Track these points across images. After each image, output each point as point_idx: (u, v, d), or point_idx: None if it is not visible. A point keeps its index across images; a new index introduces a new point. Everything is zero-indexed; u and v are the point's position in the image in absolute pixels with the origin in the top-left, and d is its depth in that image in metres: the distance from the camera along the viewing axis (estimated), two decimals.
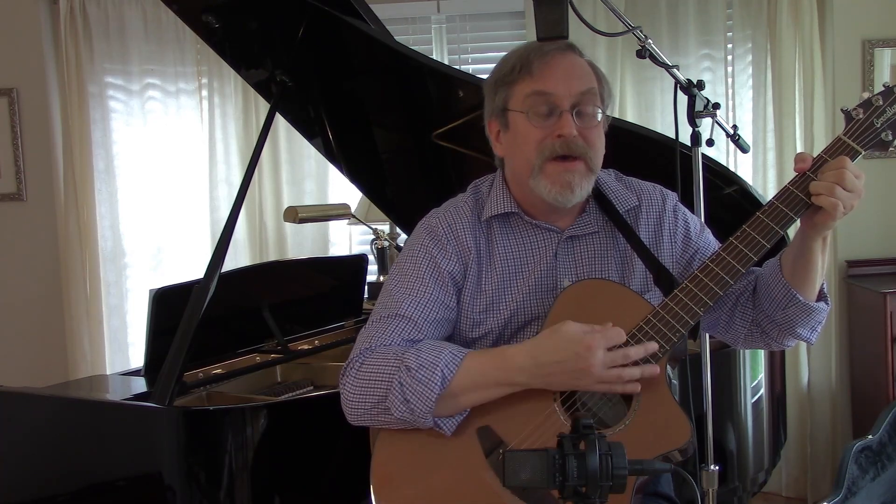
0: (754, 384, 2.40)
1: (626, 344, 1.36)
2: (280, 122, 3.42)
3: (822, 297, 1.48)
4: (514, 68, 1.49)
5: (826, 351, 3.49)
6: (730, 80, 3.55)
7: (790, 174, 1.41)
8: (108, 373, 3.57)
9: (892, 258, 3.48)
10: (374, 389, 1.40)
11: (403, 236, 3.19)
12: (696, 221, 1.63)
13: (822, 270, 1.45)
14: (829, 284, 3.23)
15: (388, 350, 1.43)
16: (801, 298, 1.43)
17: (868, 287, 3.30)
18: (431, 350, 1.40)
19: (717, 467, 1.94)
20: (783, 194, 1.38)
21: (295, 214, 2.88)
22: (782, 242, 1.94)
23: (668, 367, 1.41)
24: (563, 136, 1.44)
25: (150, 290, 2.20)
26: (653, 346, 1.36)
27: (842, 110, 1.40)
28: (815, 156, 1.38)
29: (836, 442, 3.53)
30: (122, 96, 3.77)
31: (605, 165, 1.57)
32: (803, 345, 3.22)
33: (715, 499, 1.94)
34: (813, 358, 3.51)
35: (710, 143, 1.95)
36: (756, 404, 2.40)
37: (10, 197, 3.78)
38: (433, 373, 1.36)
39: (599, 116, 1.49)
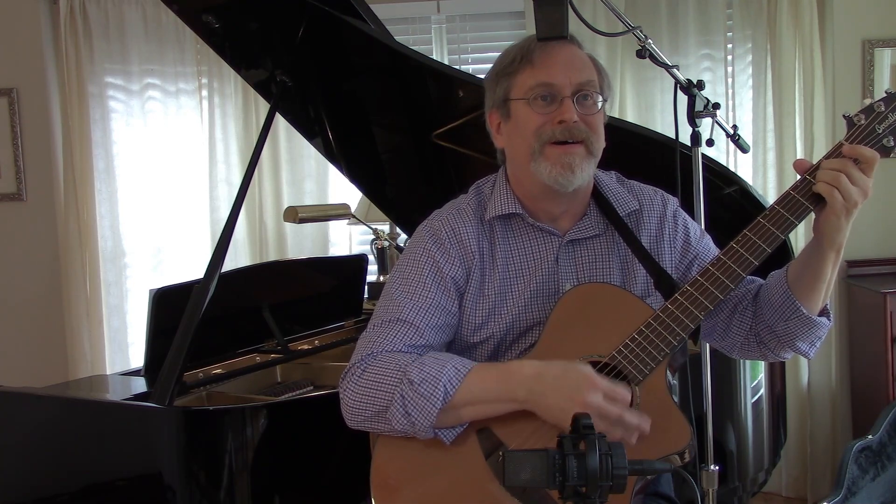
0: (754, 384, 2.40)
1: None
2: (280, 122, 3.42)
3: (824, 312, 1.47)
4: (514, 59, 1.49)
5: (826, 351, 3.49)
6: (730, 80, 3.55)
7: (790, 174, 1.41)
8: (108, 373, 3.57)
9: (892, 258, 3.48)
10: (375, 399, 1.39)
11: (403, 236, 3.19)
12: (696, 227, 1.62)
13: (829, 286, 1.43)
14: None
15: (391, 359, 1.41)
16: (803, 310, 1.42)
17: (868, 287, 3.30)
18: (434, 363, 1.38)
19: (717, 467, 1.95)
20: (784, 199, 1.38)
21: (295, 214, 2.88)
22: (783, 248, 1.93)
23: (667, 371, 1.40)
24: (565, 121, 1.44)
25: (150, 290, 2.20)
26: (646, 424, 1.33)
27: (843, 116, 1.39)
28: (814, 162, 1.38)
29: (836, 442, 3.53)
30: (122, 96, 3.77)
31: (606, 166, 1.57)
32: None
33: (715, 499, 1.94)
34: (813, 358, 3.50)
35: (710, 143, 1.95)
36: (756, 404, 2.40)
37: (10, 197, 3.77)
38: (436, 387, 1.35)
39: (600, 104, 1.49)
